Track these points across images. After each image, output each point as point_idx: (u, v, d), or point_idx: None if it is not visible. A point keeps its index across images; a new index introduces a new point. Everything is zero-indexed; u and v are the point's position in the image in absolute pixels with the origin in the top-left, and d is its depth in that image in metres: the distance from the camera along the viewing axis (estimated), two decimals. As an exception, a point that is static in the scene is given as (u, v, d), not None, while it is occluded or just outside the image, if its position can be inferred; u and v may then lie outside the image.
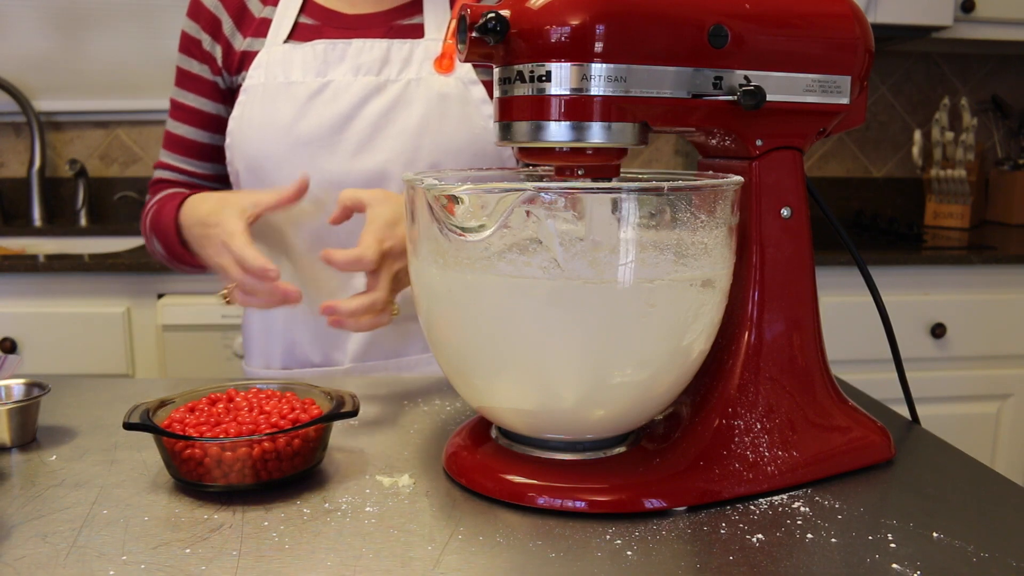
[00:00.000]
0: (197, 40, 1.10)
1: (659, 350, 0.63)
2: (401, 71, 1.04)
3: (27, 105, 2.27)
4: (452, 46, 1.04)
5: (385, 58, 1.05)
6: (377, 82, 1.04)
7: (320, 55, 1.04)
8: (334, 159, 1.03)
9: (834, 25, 0.69)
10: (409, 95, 1.03)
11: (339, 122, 1.03)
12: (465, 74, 1.04)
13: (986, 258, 1.98)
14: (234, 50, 1.09)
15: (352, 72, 1.04)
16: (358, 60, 1.04)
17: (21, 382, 0.79)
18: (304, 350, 1.10)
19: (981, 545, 0.59)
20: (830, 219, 0.78)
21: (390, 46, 1.05)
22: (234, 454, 0.64)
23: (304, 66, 1.04)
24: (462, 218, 0.59)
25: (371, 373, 1.08)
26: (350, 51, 1.05)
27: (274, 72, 1.05)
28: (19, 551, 0.57)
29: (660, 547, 0.58)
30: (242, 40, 1.09)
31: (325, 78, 1.04)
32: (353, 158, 1.03)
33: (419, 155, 1.03)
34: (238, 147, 1.06)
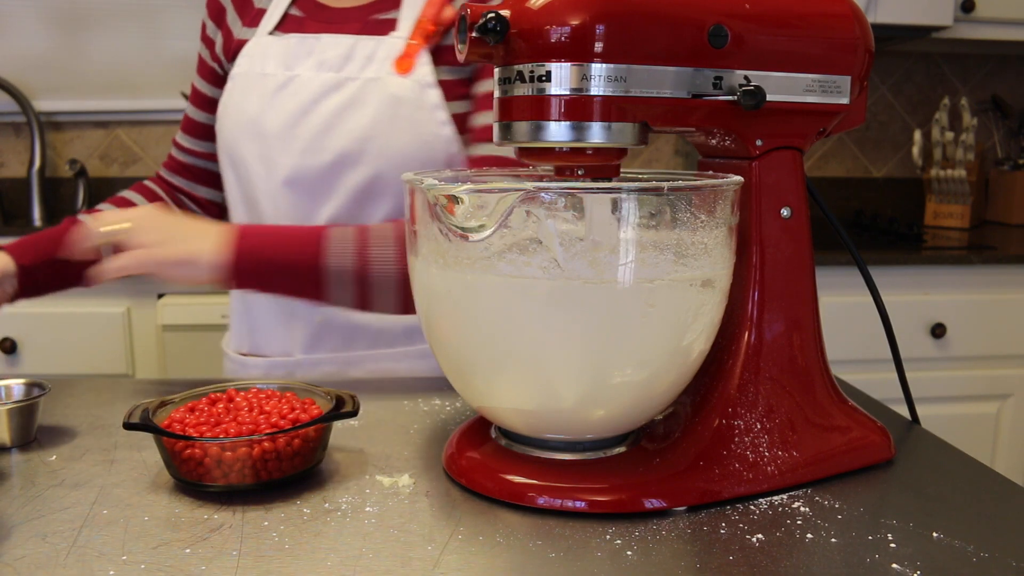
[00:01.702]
0: (204, 25, 1.15)
1: (659, 350, 0.63)
2: (363, 69, 1.02)
3: (27, 105, 2.27)
4: (414, 46, 1.01)
5: (348, 55, 1.03)
6: (337, 79, 1.02)
7: (290, 49, 1.05)
8: (287, 155, 1.03)
9: (834, 25, 0.69)
10: (364, 95, 1.01)
11: (295, 117, 1.02)
12: (423, 76, 1.01)
13: (986, 258, 1.98)
14: (233, 38, 1.11)
15: (315, 67, 1.03)
16: (323, 55, 1.03)
17: (21, 382, 0.79)
18: (259, 337, 1.11)
19: (981, 545, 0.59)
20: (830, 219, 0.78)
21: (355, 43, 1.03)
22: (234, 454, 0.64)
23: (276, 59, 1.05)
24: (462, 218, 0.59)
25: (320, 367, 1.08)
26: (318, 46, 1.04)
27: (254, 63, 1.06)
28: (19, 551, 0.57)
29: (660, 547, 0.58)
30: (241, 28, 1.11)
31: (292, 72, 1.04)
32: (302, 155, 1.02)
33: (363, 159, 1.01)
34: (218, 133, 1.09)
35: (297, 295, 0.93)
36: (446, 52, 1.02)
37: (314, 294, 0.92)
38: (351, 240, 0.92)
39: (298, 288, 0.92)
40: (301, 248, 0.91)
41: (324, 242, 0.91)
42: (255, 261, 0.90)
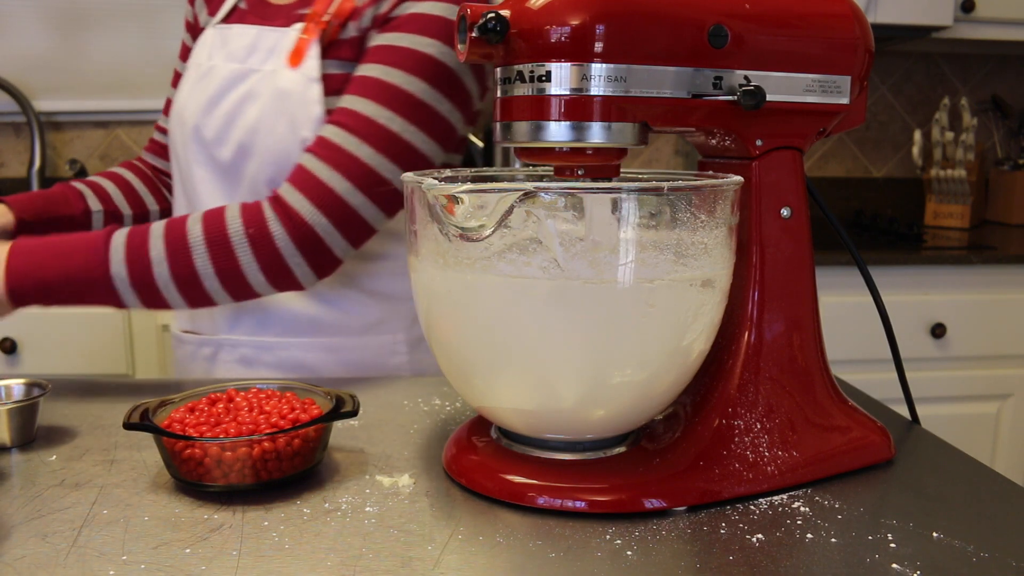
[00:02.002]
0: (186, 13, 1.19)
1: (659, 350, 0.63)
2: (264, 61, 1.01)
3: (27, 105, 2.27)
4: (304, 40, 0.99)
5: (252, 46, 1.02)
6: (242, 70, 1.02)
7: (212, 40, 1.06)
8: (201, 143, 1.04)
9: (834, 25, 0.69)
10: (260, 88, 1.00)
11: (207, 107, 1.03)
12: (310, 70, 0.99)
13: (986, 258, 1.98)
14: (199, 26, 1.14)
15: (225, 58, 1.03)
16: (231, 47, 1.03)
17: (21, 382, 0.79)
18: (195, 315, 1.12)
19: (981, 545, 0.59)
20: (830, 219, 0.78)
21: (259, 34, 1.02)
22: (234, 454, 0.64)
23: (205, 50, 1.07)
24: (462, 218, 0.59)
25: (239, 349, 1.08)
26: (230, 36, 1.04)
27: (195, 53, 1.09)
28: (19, 551, 0.57)
29: (660, 547, 0.58)
30: (205, 17, 1.13)
31: (211, 63, 1.05)
32: (212, 146, 1.03)
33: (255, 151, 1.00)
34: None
35: (88, 304, 0.92)
36: (338, 47, 1.00)
37: (103, 302, 0.91)
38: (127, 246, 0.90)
39: (86, 298, 0.91)
40: (82, 260, 0.89)
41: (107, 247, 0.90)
42: (34, 281, 0.89)
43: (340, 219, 0.92)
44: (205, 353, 1.10)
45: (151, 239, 0.90)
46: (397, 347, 1.10)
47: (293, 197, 0.91)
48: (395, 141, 0.94)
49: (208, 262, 0.90)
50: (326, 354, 1.07)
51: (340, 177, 0.92)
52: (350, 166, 0.92)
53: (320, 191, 0.92)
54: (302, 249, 0.92)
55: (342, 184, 0.92)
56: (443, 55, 0.95)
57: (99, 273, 0.89)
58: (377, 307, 1.08)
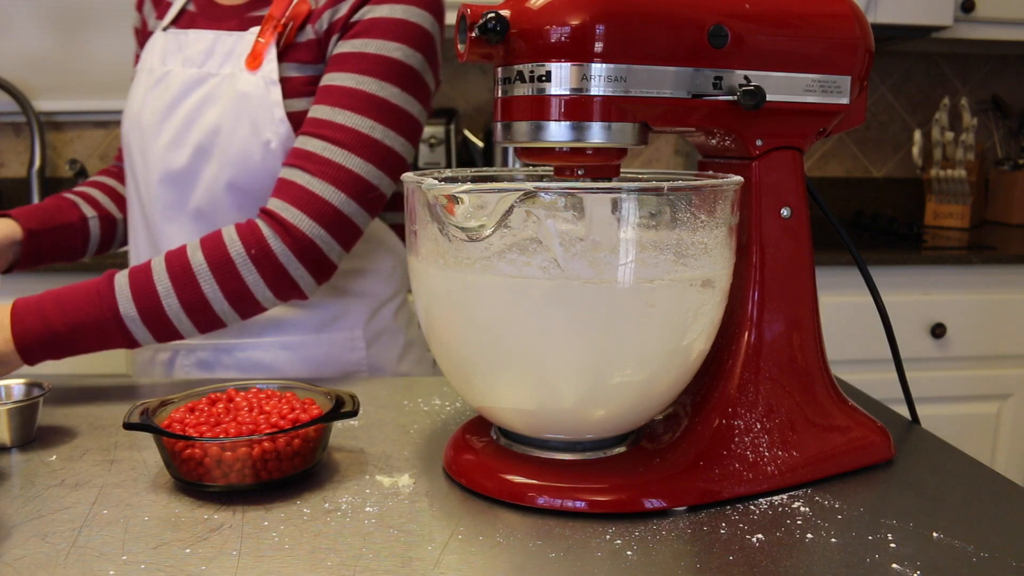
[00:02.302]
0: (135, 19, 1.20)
1: (659, 350, 0.63)
2: (222, 65, 1.03)
3: (27, 105, 2.27)
4: (261, 43, 1.01)
5: (210, 51, 1.03)
6: (199, 75, 1.03)
7: (167, 44, 1.07)
8: (157, 148, 1.05)
9: (834, 25, 0.69)
10: (219, 91, 1.02)
11: (165, 112, 1.04)
12: (268, 72, 1.00)
13: (986, 258, 1.98)
14: (147, 30, 1.15)
15: (183, 63, 1.05)
16: (188, 51, 1.05)
17: (21, 382, 0.79)
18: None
19: (981, 545, 0.59)
20: (830, 219, 0.78)
21: (216, 38, 1.03)
22: (234, 454, 0.64)
23: (158, 54, 1.07)
24: (462, 218, 0.59)
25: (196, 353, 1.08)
26: (186, 41, 1.05)
27: (145, 58, 1.10)
28: (19, 551, 0.57)
29: (660, 547, 0.58)
30: (154, 21, 1.14)
31: (165, 67, 1.06)
32: (168, 149, 1.04)
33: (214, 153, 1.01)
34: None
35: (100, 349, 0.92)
36: (295, 49, 1.01)
37: (115, 344, 0.92)
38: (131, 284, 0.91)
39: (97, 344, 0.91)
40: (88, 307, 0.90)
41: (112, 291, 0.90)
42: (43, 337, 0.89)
43: (336, 228, 0.94)
44: (162, 359, 1.11)
45: (154, 274, 0.91)
46: (355, 343, 1.11)
47: (290, 213, 0.93)
48: (379, 148, 0.96)
49: (215, 287, 0.91)
50: (285, 352, 1.08)
51: (334, 189, 0.94)
52: (343, 178, 0.94)
53: (317, 205, 0.93)
54: (304, 261, 0.94)
55: (337, 196, 0.94)
56: (409, 58, 0.98)
57: (108, 316, 0.90)
58: (332, 304, 1.09)
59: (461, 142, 2.31)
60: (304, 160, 0.95)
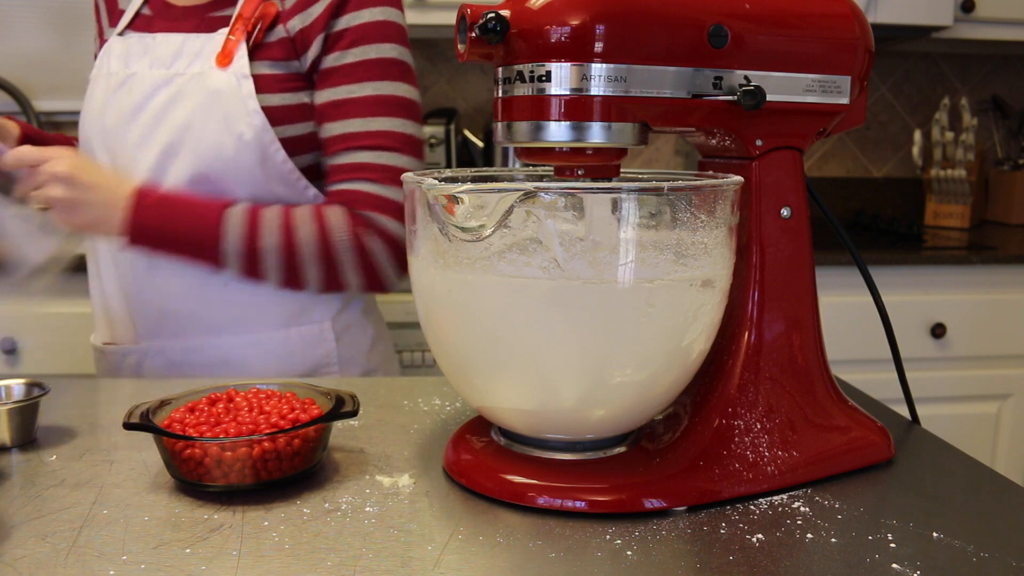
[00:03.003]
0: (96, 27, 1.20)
1: (659, 350, 0.63)
2: (190, 64, 1.05)
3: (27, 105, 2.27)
4: (232, 41, 1.04)
5: (179, 51, 1.06)
6: (167, 75, 1.05)
7: (128, 47, 1.08)
8: (124, 148, 1.06)
9: (834, 25, 0.69)
10: (188, 89, 1.04)
11: (131, 114, 1.06)
12: (239, 68, 1.03)
13: (986, 258, 1.98)
14: (102, 37, 1.17)
15: (149, 65, 1.06)
16: (156, 53, 1.07)
17: (21, 382, 0.79)
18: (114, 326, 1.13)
19: (981, 545, 0.59)
20: (830, 219, 0.78)
21: (185, 40, 1.06)
22: (234, 454, 0.64)
23: (119, 58, 1.09)
24: (462, 218, 0.59)
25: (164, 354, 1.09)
26: (153, 43, 1.07)
27: (102, 63, 1.11)
28: (19, 551, 0.57)
29: (660, 547, 0.58)
30: (108, 28, 1.16)
31: (130, 70, 1.07)
32: (136, 148, 1.06)
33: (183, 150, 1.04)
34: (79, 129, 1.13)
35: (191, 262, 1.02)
36: (266, 48, 1.06)
37: (207, 264, 1.02)
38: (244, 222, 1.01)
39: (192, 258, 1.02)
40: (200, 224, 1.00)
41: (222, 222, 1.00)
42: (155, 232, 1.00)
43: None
44: (130, 363, 1.12)
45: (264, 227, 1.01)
46: (324, 335, 1.12)
47: (382, 220, 1.04)
48: (413, 141, 1.07)
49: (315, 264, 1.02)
50: (253, 348, 1.09)
51: (398, 189, 1.05)
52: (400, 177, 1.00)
53: (394, 207, 1.04)
54: (395, 261, 1.06)
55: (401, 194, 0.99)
56: (402, 54, 1.08)
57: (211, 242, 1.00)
58: (300, 297, 1.10)
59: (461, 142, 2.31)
60: (365, 171, 1.04)
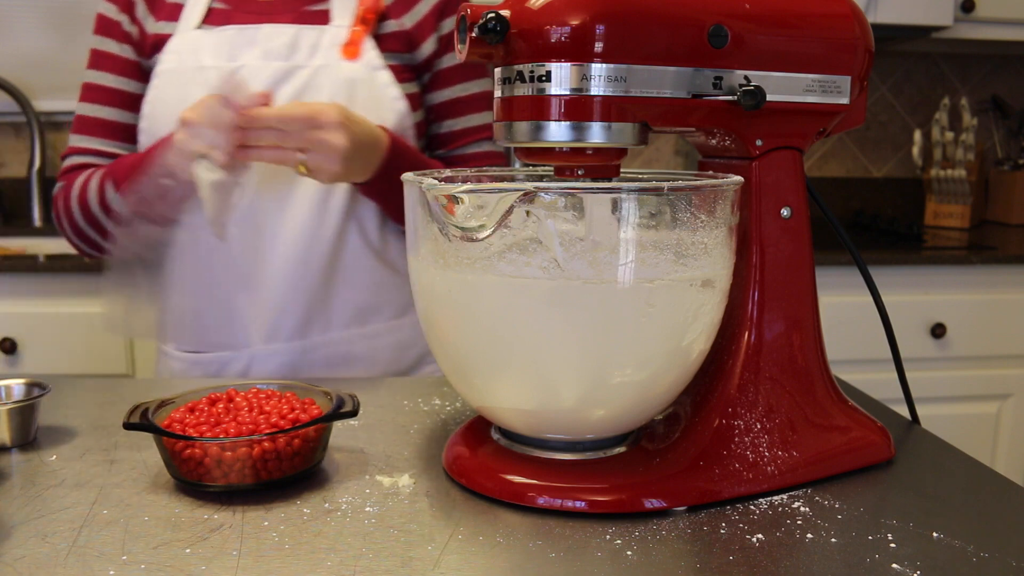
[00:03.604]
0: (116, 22, 1.12)
1: (659, 350, 0.63)
2: (310, 57, 1.05)
3: (27, 105, 2.27)
4: (358, 32, 1.06)
5: (294, 44, 1.06)
6: (286, 67, 1.05)
7: (230, 39, 1.06)
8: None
9: (834, 25, 0.69)
10: (318, 81, 1.05)
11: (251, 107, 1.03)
12: (371, 60, 1.06)
13: (986, 258, 1.98)
14: (146, 33, 1.10)
15: (262, 57, 1.05)
16: (268, 45, 1.06)
17: (21, 382, 0.79)
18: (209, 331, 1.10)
19: (981, 545, 0.59)
20: (830, 219, 0.78)
21: (299, 32, 1.06)
22: (234, 454, 0.64)
23: (215, 51, 1.06)
24: (462, 218, 0.59)
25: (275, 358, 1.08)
26: (259, 36, 1.06)
27: (186, 57, 1.07)
28: (19, 551, 0.57)
29: (660, 547, 0.58)
30: (154, 24, 1.10)
31: (236, 63, 1.05)
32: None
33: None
34: (152, 131, 1.07)
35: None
36: (385, 40, 1.08)
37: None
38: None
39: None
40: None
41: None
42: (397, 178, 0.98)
43: None
44: (236, 369, 1.09)
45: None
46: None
47: None
48: None
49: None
50: (370, 341, 1.10)
51: None
52: None
53: None
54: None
55: None
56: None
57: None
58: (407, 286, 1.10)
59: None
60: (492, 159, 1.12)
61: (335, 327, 1.09)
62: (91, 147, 1.13)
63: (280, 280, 1.06)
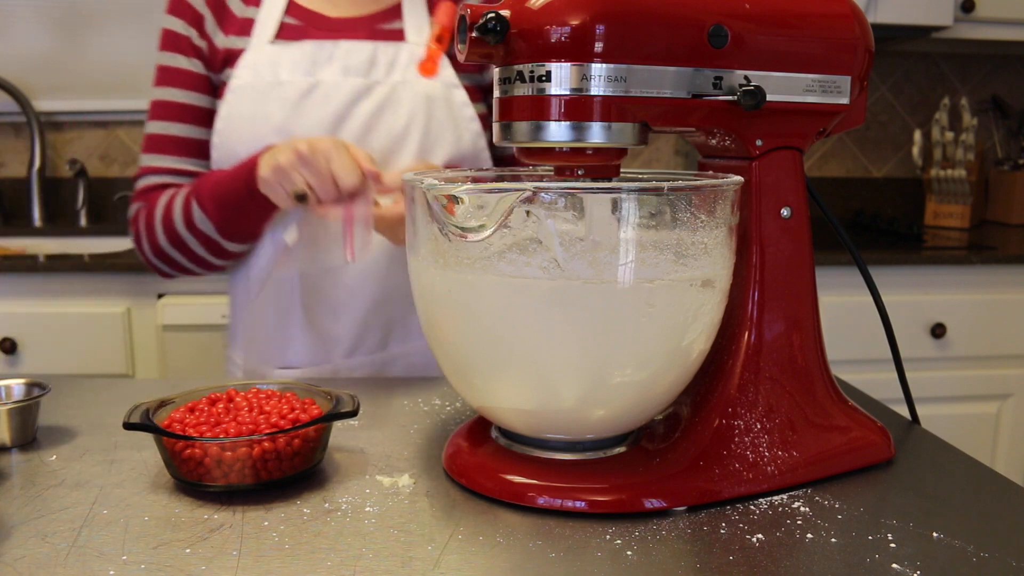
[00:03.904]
0: (186, 36, 1.09)
1: (659, 350, 0.63)
2: (388, 74, 1.07)
3: (27, 105, 2.27)
4: (435, 51, 1.07)
5: (372, 60, 1.07)
6: (365, 84, 1.06)
7: (309, 55, 1.06)
8: None
9: (834, 25, 0.69)
10: (396, 97, 1.06)
11: (333, 122, 1.04)
12: (448, 78, 1.08)
13: (986, 258, 1.98)
14: (216, 48, 1.09)
15: (341, 73, 1.06)
16: (346, 61, 1.06)
17: (21, 382, 0.79)
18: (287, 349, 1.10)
19: (981, 545, 0.59)
20: (830, 219, 0.78)
21: (376, 48, 1.07)
22: (234, 454, 0.64)
23: (292, 66, 1.05)
24: (462, 218, 0.59)
25: (356, 372, 1.09)
26: (338, 52, 1.06)
27: (262, 72, 1.06)
28: (19, 551, 0.57)
29: (660, 547, 0.58)
30: (224, 38, 1.09)
31: (314, 78, 1.05)
32: None
33: (401, 157, 1.06)
34: (226, 146, 1.06)
35: None
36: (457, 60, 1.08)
37: None
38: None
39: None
40: None
41: None
42: None
43: None
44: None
45: None
46: None
47: None
48: None
49: None
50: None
51: None
52: None
53: None
54: None
55: None
56: None
57: None
58: None
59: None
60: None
61: (413, 337, 1.11)
62: (165, 166, 1.10)
63: (364, 300, 1.07)
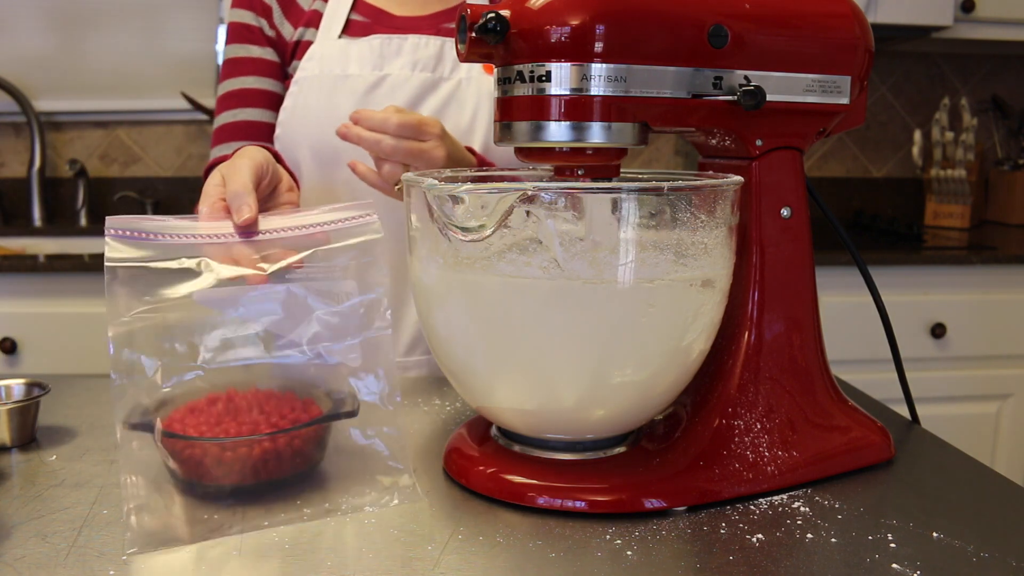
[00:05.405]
0: (257, 27, 1.11)
1: (659, 350, 0.63)
2: (453, 70, 1.09)
3: (27, 105, 2.27)
4: None
5: (439, 55, 1.09)
6: (432, 79, 1.08)
7: (376, 49, 1.08)
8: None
9: (834, 25, 0.69)
10: (461, 93, 1.08)
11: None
12: None
13: (986, 258, 1.98)
14: (284, 39, 1.11)
15: (409, 67, 1.08)
16: (414, 56, 1.08)
17: (21, 382, 0.79)
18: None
19: (981, 545, 0.59)
20: (830, 219, 0.78)
21: (443, 44, 1.09)
22: (234, 454, 0.64)
23: (360, 60, 1.07)
24: (462, 218, 0.59)
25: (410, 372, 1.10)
26: (406, 47, 1.08)
27: (330, 65, 1.08)
28: (19, 551, 0.57)
29: (660, 547, 0.58)
30: (292, 30, 1.11)
31: (382, 72, 1.07)
32: None
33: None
34: (292, 137, 1.07)
35: None
36: None
37: None
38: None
39: None
40: None
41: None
42: None
43: None
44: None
45: None
46: None
47: None
48: None
49: None
50: None
51: None
52: None
53: None
54: None
55: None
56: None
57: None
58: None
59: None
60: None
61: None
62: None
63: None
